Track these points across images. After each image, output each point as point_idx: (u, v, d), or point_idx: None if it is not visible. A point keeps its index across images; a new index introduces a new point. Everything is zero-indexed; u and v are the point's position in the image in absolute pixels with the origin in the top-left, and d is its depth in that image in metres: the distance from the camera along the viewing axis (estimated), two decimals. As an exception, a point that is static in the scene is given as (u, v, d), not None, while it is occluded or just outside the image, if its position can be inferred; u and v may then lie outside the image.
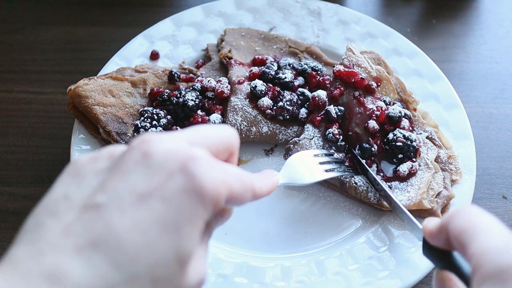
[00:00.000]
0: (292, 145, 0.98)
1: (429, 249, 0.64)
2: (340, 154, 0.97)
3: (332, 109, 0.99)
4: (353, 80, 1.01)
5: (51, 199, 0.46)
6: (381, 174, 0.96)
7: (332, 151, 0.97)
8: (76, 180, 0.47)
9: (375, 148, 0.97)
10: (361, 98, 1.00)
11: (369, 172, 0.94)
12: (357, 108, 1.00)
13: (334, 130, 0.98)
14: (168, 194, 0.44)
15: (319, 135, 0.99)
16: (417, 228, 0.79)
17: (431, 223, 0.62)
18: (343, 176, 0.95)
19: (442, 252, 0.62)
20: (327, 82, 1.04)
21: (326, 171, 0.89)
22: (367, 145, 0.97)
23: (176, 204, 0.44)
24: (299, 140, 0.98)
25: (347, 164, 0.97)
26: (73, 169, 0.49)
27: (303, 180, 0.81)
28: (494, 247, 0.49)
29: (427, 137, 1.00)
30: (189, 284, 0.47)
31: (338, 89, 1.01)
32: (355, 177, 0.94)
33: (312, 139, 0.98)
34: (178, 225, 0.44)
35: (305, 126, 1.01)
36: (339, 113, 0.99)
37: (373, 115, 0.98)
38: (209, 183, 0.46)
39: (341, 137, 0.98)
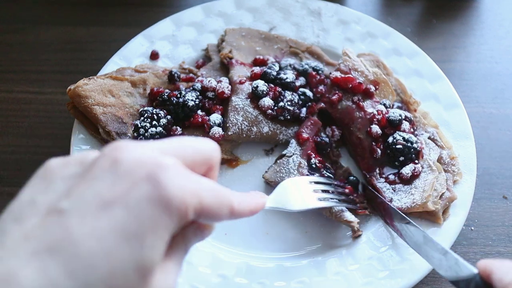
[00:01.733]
0: (272, 166, 0.99)
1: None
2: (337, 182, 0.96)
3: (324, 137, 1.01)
4: (350, 85, 1.01)
5: (18, 203, 0.46)
6: (384, 177, 0.96)
7: (330, 179, 0.95)
8: (44, 184, 0.47)
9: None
10: (360, 103, 1.00)
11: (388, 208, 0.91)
12: (357, 113, 1.00)
13: (316, 160, 0.97)
14: (132, 202, 0.44)
15: (300, 153, 0.98)
16: (466, 268, 0.68)
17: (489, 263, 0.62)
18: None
19: None
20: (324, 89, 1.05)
21: (320, 199, 0.85)
22: (354, 178, 0.97)
23: (139, 213, 0.43)
24: (277, 160, 0.99)
25: (347, 192, 0.94)
26: (43, 173, 0.48)
27: (292, 207, 0.76)
28: None
29: (429, 138, 1.00)
30: None
31: (336, 95, 1.01)
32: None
33: (291, 156, 0.98)
34: (140, 234, 0.43)
35: (290, 141, 1.01)
36: (326, 141, 1.00)
37: (374, 119, 0.98)
38: (176, 193, 0.45)
39: (323, 165, 0.98)
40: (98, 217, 0.43)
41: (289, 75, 1.04)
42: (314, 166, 0.96)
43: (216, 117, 1.01)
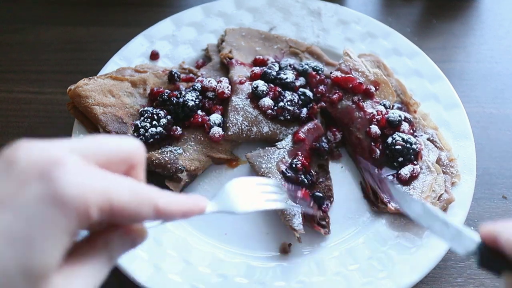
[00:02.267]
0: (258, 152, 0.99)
1: (487, 255, 0.58)
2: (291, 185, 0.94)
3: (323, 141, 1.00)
4: (350, 85, 1.01)
5: None
6: (383, 177, 0.96)
7: (280, 182, 0.93)
8: None
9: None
10: (360, 103, 1.00)
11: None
12: (357, 113, 1.00)
13: (299, 162, 0.96)
14: (22, 202, 0.41)
15: (289, 150, 0.98)
16: (468, 237, 0.65)
17: (489, 227, 0.58)
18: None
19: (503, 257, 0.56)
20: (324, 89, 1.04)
21: (268, 201, 0.77)
22: (320, 194, 0.95)
23: (29, 214, 0.41)
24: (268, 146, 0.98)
25: (299, 195, 0.92)
26: None
27: (236, 209, 0.72)
28: None
29: (428, 139, 1.00)
30: None
31: (336, 94, 1.01)
32: (288, 200, 0.88)
33: (280, 149, 0.98)
34: (27, 237, 0.41)
35: (288, 136, 1.01)
36: (326, 147, 0.99)
37: (374, 119, 0.98)
38: (72, 190, 0.42)
39: (304, 169, 0.96)
40: None
41: (289, 75, 1.05)
42: (293, 166, 0.96)
43: (216, 117, 1.01)
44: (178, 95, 1.00)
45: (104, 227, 0.49)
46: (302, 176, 0.95)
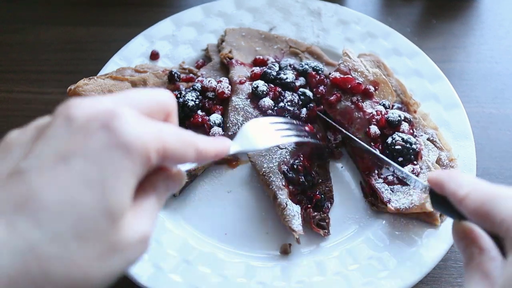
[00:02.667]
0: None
1: (438, 200, 0.62)
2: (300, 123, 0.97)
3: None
4: (349, 86, 1.01)
5: None
6: (382, 177, 0.96)
7: (290, 119, 0.96)
8: (3, 154, 0.48)
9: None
10: (359, 103, 1.00)
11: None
12: (356, 113, 1.00)
13: (300, 163, 0.96)
14: (90, 151, 0.45)
15: (291, 150, 0.98)
16: (421, 182, 0.74)
17: (435, 174, 0.63)
18: (279, 193, 0.91)
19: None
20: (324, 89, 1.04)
21: (283, 136, 0.87)
22: (320, 195, 0.95)
23: (99, 160, 0.44)
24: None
25: (307, 129, 0.96)
26: (2, 145, 0.50)
27: (257, 146, 0.78)
28: None
29: (428, 139, 1.00)
30: (125, 240, 0.47)
31: (334, 95, 1.01)
32: (289, 201, 0.91)
33: (283, 149, 0.98)
34: (103, 180, 0.44)
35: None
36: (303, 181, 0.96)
37: (373, 119, 0.98)
38: (134, 136, 0.46)
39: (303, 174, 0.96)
40: (58, 170, 0.44)
41: (289, 75, 1.05)
42: (295, 166, 0.96)
43: (216, 117, 1.01)
44: (178, 95, 1.00)
45: (149, 172, 0.53)
46: (303, 177, 0.95)
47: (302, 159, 0.97)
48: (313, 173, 0.98)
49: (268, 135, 0.83)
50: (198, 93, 1.03)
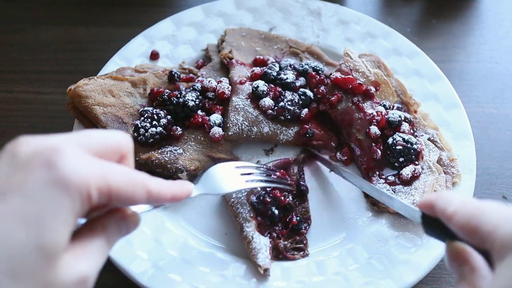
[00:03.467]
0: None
1: (431, 225, 0.64)
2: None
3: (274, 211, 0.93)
4: (350, 86, 1.01)
5: None
6: (384, 178, 0.96)
7: (259, 164, 0.96)
8: None
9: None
10: (360, 104, 1.00)
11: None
12: (356, 114, 1.00)
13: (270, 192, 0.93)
14: (29, 188, 0.45)
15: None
16: (412, 209, 0.77)
17: (426, 199, 0.64)
18: (245, 225, 0.89)
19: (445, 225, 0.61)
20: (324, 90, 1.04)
21: (247, 181, 0.87)
22: (297, 218, 0.92)
23: (37, 197, 0.44)
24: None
25: (278, 175, 0.94)
26: None
27: (221, 190, 0.80)
28: (505, 219, 0.53)
29: (428, 139, 1.00)
30: (61, 281, 0.46)
31: (335, 96, 1.01)
32: (255, 233, 0.89)
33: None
34: (39, 217, 0.44)
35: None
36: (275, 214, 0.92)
37: (373, 120, 0.98)
38: (73, 173, 0.46)
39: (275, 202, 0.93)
40: None
41: (289, 75, 1.05)
42: (261, 198, 0.92)
43: (216, 117, 1.01)
44: (178, 95, 1.00)
45: (101, 213, 0.53)
46: (273, 208, 0.92)
47: (272, 190, 0.93)
48: (288, 201, 0.93)
49: (233, 179, 0.84)
50: (198, 93, 1.03)
